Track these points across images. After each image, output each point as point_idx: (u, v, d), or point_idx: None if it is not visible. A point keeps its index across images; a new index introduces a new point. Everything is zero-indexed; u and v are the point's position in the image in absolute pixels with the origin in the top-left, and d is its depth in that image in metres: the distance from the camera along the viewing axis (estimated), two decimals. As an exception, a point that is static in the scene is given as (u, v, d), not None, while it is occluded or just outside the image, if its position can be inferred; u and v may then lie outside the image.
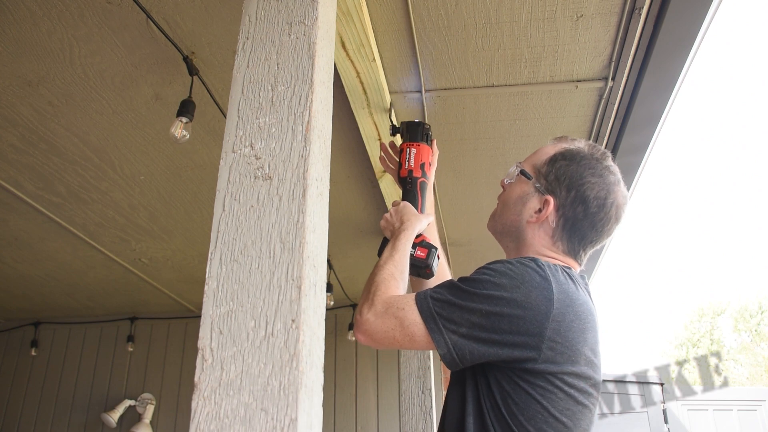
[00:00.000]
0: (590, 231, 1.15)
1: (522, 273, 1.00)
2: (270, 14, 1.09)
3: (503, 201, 1.24)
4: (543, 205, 1.15)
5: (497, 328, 0.96)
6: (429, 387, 2.83)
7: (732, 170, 41.95)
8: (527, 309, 0.96)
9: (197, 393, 0.80)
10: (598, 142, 2.38)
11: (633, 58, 1.89)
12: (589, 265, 3.66)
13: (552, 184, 1.16)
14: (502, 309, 0.96)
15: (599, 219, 1.14)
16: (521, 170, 1.21)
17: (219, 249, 0.90)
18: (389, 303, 1.03)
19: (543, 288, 0.98)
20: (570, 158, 1.17)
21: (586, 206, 1.13)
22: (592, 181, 1.14)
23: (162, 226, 3.06)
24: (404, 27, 1.81)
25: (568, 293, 1.01)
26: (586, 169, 1.15)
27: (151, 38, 1.81)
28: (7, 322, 4.58)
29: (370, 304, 1.03)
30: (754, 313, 21.54)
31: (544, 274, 1.00)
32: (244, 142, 0.98)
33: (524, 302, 0.97)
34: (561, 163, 1.17)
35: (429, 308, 0.99)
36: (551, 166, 1.17)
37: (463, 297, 0.99)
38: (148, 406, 4.11)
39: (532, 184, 1.18)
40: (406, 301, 1.02)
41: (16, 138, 2.28)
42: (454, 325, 0.97)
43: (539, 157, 1.21)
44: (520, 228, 1.17)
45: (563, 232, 1.14)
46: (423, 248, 1.25)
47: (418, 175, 1.41)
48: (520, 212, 1.18)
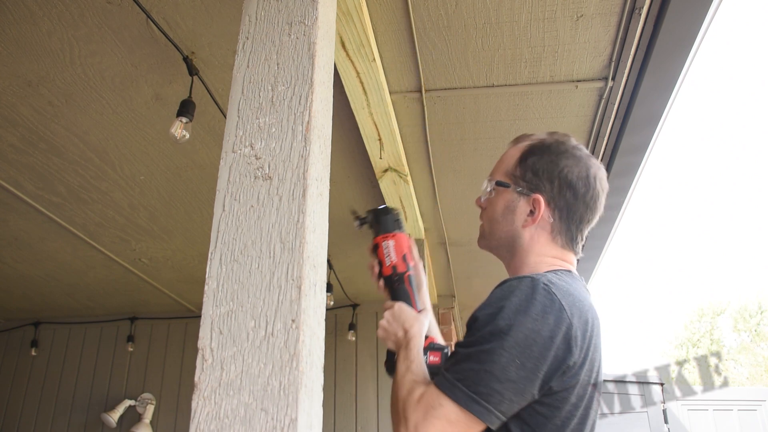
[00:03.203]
0: (585, 211, 1.15)
1: (531, 306, 0.96)
2: (270, 14, 1.09)
3: (489, 218, 1.19)
4: (533, 205, 1.13)
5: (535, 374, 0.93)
6: (429, 387, 2.83)
7: (732, 170, 41.97)
8: (553, 340, 0.94)
9: (197, 393, 0.80)
10: (598, 142, 2.38)
11: (633, 58, 1.89)
12: (588, 264, 3.67)
13: (533, 182, 1.14)
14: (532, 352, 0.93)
15: (590, 197, 1.14)
16: (497, 182, 1.17)
17: (219, 249, 0.90)
18: (423, 408, 0.94)
19: (556, 311, 0.96)
20: (539, 151, 1.16)
21: (574, 189, 1.13)
22: (568, 164, 1.14)
23: (162, 226, 3.06)
24: (404, 27, 1.81)
25: (575, 304, 1.00)
26: (557, 155, 1.14)
27: (151, 38, 1.81)
28: (7, 322, 4.58)
29: (405, 423, 0.95)
30: (754, 313, 21.54)
31: (550, 299, 0.97)
32: (244, 142, 0.98)
33: (549, 336, 0.94)
34: (532, 159, 1.15)
35: (466, 394, 0.92)
36: (524, 165, 1.15)
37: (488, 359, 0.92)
38: (148, 406, 4.11)
39: (513, 191, 1.15)
40: (434, 397, 0.94)
41: (16, 138, 2.28)
42: (498, 396, 0.92)
43: (507, 163, 1.18)
44: (516, 235, 1.15)
45: (561, 224, 1.14)
46: (435, 352, 1.17)
47: (403, 269, 1.27)
48: (512, 221, 1.15)
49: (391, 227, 1.32)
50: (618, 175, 2.53)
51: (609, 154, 2.44)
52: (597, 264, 3.66)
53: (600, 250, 3.42)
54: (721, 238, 37.72)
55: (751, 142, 42.17)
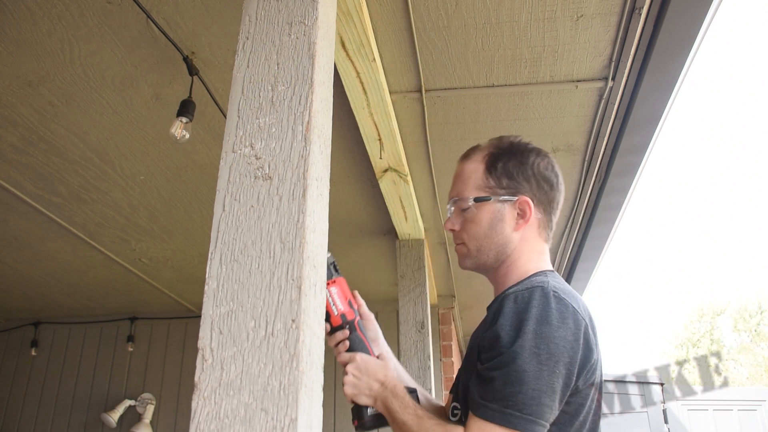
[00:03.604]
0: (560, 198, 1.19)
1: (551, 315, 0.97)
2: (270, 14, 1.09)
3: (473, 236, 1.15)
4: (521, 207, 1.14)
5: (570, 379, 0.96)
6: (429, 387, 2.83)
7: (732, 170, 41.96)
8: (578, 342, 0.97)
9: (197, 393, 0.80)
10: (598, 142, 2.38)
11: (633, 58, 1.89)
12: (588, 264, 3.66)
13: (512, 186, 1.14)
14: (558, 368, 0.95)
15: (559, 183, 1.19)
16: (475, 198, 1.15)
17: (219, 249, 0.90)
18: None
19: (571, 314, 0.99)
20: (504, 156, 1.16)
21: (549, 181, 1.16)
22: (534, 159, 1.16)
23: (162, 226, 3.06)
24: (404, 27, 1.81)
25: (578, 308, 1.02)
26: (521, 154, 1.16)
27: (151, 38, 1.81)
28: (7, 322, 4.58)
29: None
30: (753, 313, 21.54)
31: (564, 304, 0.99)
32: (244, 142, 0.98)
33: (574, 339, 0.96)
34: (500, 165, 1.15)
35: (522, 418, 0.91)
36: (495, 174, 1.15)
37: (530, 377, 0.92)
38: (148, 406, 4.11)
39: (496, 201, 1.14)
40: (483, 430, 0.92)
41: (16, 138, 2.28)
42: (549, 410, 0.93)
43: (474, 178, 1.16)
44: (507, 241, 1.14)
45: (545, 216, 1.17)
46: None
47: (353, 317, 1.19)
48: (503, 229, 1.14)
49: (330, 273, 1.21)
50: (618, 175, 2.53)
51: (609, 154, 2.44)
52: (597, 264, 3.65)
53: (600, 250, 3.42)
54: (721, 238, 37.73)
55: (751, 142, 42.18)
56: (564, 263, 3.67)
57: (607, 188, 2.63)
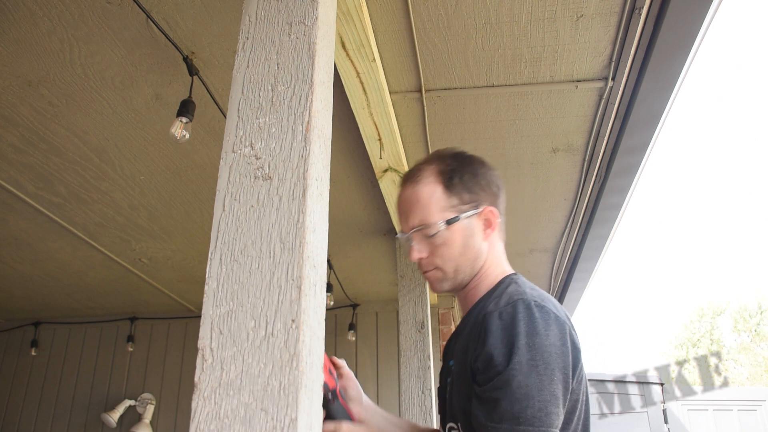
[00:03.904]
0: (506, 201, 1.23)
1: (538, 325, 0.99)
2: (270, 14, 1.09)
3: (449, 258, 1.13)
4: (486, 217, 1.15)
5: (568, 382, 0.99)
6: (429, 387, 2.83)
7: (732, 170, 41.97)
8: (566, 345, 1.00)
9: (197, 393, 0.80)
10: (598, 142, 2.38)
11: (633, 58, 1.89)
12: (588, 264, 3.66)
13: (473, 199, 1.14)
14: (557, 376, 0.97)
15: (501, 184, 1.22)
16: (447, 221, 1.11)
17: (219, 249, 0.90)
18: None
19: (553, 319, 1.01)
20: (457, 171, 1.15)
21: (496, 184, 1.20)
22: (482, 169, 1.18)
23: (162, 226, 3.06)
24: (404, 27, 1.81)
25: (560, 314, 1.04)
26: (470, 165, 1.18)
27: (151, 38, 1.81)
28: (7, 322, 4.58)
29: None
30: (753, 313, 21.53)
31: (546, 311, 1.02)
32: (244, 142, 0.98)
33: (562, 344, 0.99)
34: (456, 181, 1.14)
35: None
36: (455, 190, 1.13)
37: (533, 391, 0.94)
38: (148, 406, 4.11)
39: (464, 219, 1.12)
40: None
41: (16, 138, 2.28)
42: (556, 416, 0.95)
43: (434, 201, 1.13)
44: (480, 253, 1.15)
45: (501, 217, 1.20)
46: None
47: (333, 385, 1.15)
48: (475, 243, 1.14)
49: None
50: (618, 175, 2.53)
51: (609, 154, 2.44)
52: (597, 264, 3.65)
53: (600, 251, 3.42)
54: (721, 238, 37.74)
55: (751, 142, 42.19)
56: (564, 263, 3.67)
57: (607, 188, 2.63)
